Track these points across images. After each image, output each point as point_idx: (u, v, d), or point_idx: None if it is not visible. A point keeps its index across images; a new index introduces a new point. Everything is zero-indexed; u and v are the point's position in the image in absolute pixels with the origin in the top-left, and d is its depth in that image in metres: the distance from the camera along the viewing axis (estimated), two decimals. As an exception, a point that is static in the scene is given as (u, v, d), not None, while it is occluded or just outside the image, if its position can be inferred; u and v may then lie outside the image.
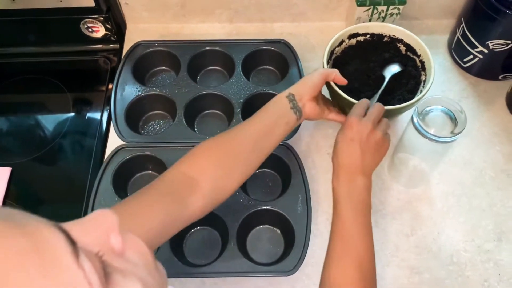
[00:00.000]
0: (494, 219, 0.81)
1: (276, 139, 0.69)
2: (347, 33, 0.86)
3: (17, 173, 0.88)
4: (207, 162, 0.64)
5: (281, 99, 0.70)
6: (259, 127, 0.68)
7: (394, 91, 0.85)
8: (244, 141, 0.66)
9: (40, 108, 1.00)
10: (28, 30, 1.02)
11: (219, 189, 0.64)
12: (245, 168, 0.67)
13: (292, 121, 0.70)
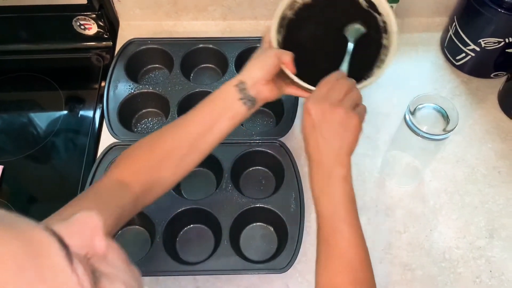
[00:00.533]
0: (486, 216, 0.82)
1: (218, 137, 0.63)
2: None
3: (9, 171, 0.88)
4: (138, 166, 0.60)
5: (228, 88, 0.63)
6: (197, 125, 0.62)
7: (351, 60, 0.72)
8: (179, 142, 0.61)
9: (32, 106, 1.00)
10: (20, 27, 1.01)
11: (150, 192, 0.61)
12: (180, 169, 0.63)
13: (240, 114, 0.63)
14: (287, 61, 0.64)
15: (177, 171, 0.62)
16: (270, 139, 0.83)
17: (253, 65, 0.65)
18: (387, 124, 0.91)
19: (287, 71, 0.66)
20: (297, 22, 0.73)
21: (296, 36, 0.72)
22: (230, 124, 0.63)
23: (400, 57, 1.01)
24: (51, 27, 1.01)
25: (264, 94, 0.64)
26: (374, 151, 0.88)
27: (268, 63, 0.64)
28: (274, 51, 0.65)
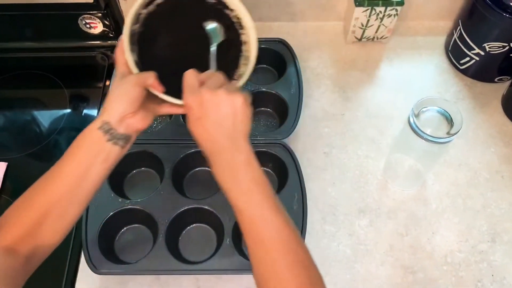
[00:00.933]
0: (488, 220, 0.82)
1: (96, 183, 0.59)
2: (142, 4, 0.66)
3: (12, 169, 0.88)
4: (19, 230, 0.55)
5: (92, 133, 0.58)
6: (68, 178, 0.57)
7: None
8: (53, 199, 0.56)
9: (37, 103, 1.00)
10: (26, 25, 1.01)
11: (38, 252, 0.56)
12: (62, 225, 0.57)
13: (114, 154, 0.59)
14: (151, 83, 0.60)
15: (59, 227, 0.57)
16: (273, 140, 0.84)
17: (114, 100, 0.59)
18: (390, 127, 0.91)
19: (155, 92, 0.61)
20: (148, 34, 0.67)
21: (151, 49, 0.67)
22: (106, 167, 0.59)
23: (404, 60, 1.01)
24: (57, 25, 1.01)
25: (135, 126, 0.60)
26: (377, 154, 0.88)
27: (130, 94, 0.58)
28: (133, 78, 0.60)
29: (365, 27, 0.97)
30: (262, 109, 0.93)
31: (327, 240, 0.79)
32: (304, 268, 0.53)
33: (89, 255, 0.72)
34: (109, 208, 0.77)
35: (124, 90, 0.59)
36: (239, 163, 0.55)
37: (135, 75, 0.61)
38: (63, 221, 0.57)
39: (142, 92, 0.59)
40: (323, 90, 0.96)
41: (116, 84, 0.60)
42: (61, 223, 0.57)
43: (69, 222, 0.58)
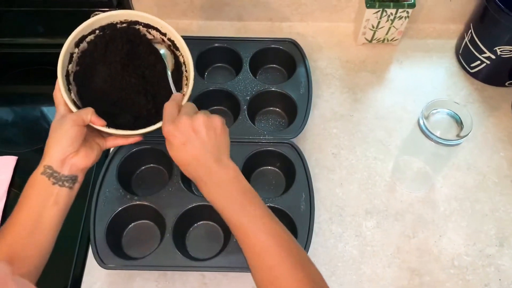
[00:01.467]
0: (496, 224, 0.81)
1: (54, 225, 0.59)
2: (71, 44, 0.68)
3: (22, 163, 0.89)
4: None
5: (36, 179, 0.59)
6: (22, 225, 0.57)
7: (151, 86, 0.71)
8: (12, 247, 0.57)
9: (47, 99, 1.00)
10: (37, 21, 1.02)
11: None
12: (28, 267, 0.58)
13: (63, 196, 0.59)
14: (90, 119, 0.61)
15: (26, 269, 0.57)
16: (281, 139, 0.84)
17: (53, 143, 0.60)
18: (399, 129, 0.91)
19: (97, 127, 0.63)
20: (84, 71, 0.69)
21: (90, 85, 0.69)
22: (59, 209, 0.60)
23: (414, 62, 1.01)
24: (69, 22, 1.01)
25: (79, 165, 0.61)
26: (386, 156, 0.88)
27: (68, 134, 0.59)
28: (70, 118, 0.60)
29: (375, 29, 0.97)
30: (271, 108, 0.93)
31: (334, 240, 0.79)
32: (303, 269, 0.54)
33: (96, 250, 0.73)
34: (117, 204, 0.77)
35: (62, 131, 0.60)
36: (229, 181, 0.57)
37: (72, 114, 0.61)
38: (27, 266, 0.57)
39: (81, 130, 0.61)
40: (332, 91, 0.96)
41: (55, 125, 0.61)
42: (25, 267, 0.57)
43: (33, 267, 0.58)
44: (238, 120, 0.86)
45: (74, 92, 0.68)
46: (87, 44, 0.70)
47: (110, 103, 0.69)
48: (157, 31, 0.72)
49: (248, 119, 0.86)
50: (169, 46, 0.73)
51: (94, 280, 0.75)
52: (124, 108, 0.69)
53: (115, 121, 0.67)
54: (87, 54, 0.70)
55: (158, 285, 0.75)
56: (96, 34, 0.70)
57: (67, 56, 0.68)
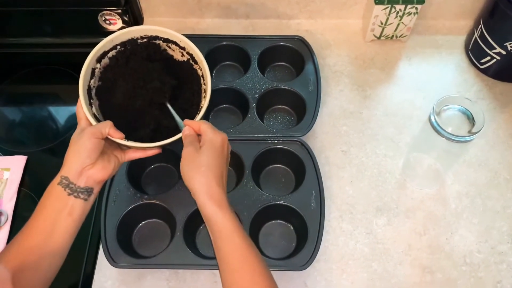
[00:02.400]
0: (508, 221, 0.81)
1: (67, 235, 0.60)
2: (93, 59, 0.70)
3: (31, 163, 0.89)
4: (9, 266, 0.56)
5: (53, 189, 0.60)
6: (37, 234, 0.59)
7: (176, 98, 0.73)
8: (27, 252, 0.58)
9: (55, 99, 1.01)
10: (45, 21, 1.02)
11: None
12: (39, 275, 0.58)
13: (78, 207, 0.60)
14: (107, 132, 0.63)
15: (36, 278, 0.58)
16: (291, 137, 0.83)
17: (71, 155, 0.61)
18: (409, 126, 0.90)
19: (116, 140, 0.64)
20: (106, 86, 0.71)
21: (111, 99, 0.70)
22: (74, 220, 0.60)
23: (423, 59, 1.00)
24: (77, 21, 1.02)
25: (95, 177, 0.62)
26: (396, 153, 0.87)
27: (86, 146, 0.61)
28: (88, 131, 0.62)
29: (384, 25, 0.97)
30: (280, 106, 0.93)
31: (345, 238, 0.79)
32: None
33: (107, 249, 0.73)
34: (127, 203, 0.77)
35: (80, 144, 0.61)
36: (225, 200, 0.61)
37: (91, 127, 0.63)
38: (39, 272, 0.58)
39: (99, 143, 0.62)
40: (342, 88, 0.96)
41: (75, 138, 0.63)
42: (37, 274, 0.58)
43: (45, 274, 0.59)
44: (247, 118, 0.86)
45: (96, 107, 0.70)
46: (109, 60, 0.72)
47: (130, 116, 0.70)
48: (176, 45, 0.74)
49: (257, 117, 0.86)
50: (188, 59, 0.75)
51: (105, 278, 0.75)
52: (144, 121, 0.70)
53: (135, 134, 0.68)
54: (108, 69, 0.72)
55: (169, 283, 0.75)
56: (117, 50, 0.72)
57: (89, 71, 0.69)
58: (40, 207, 0.60)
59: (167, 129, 0.70)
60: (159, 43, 0.74)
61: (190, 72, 0.75)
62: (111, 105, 0.70)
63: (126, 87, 0.70)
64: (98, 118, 0.68)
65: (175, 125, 0.69)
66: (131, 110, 0.70)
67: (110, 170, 0.64)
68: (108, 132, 0.63)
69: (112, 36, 0.70)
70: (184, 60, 0.75)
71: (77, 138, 0.62)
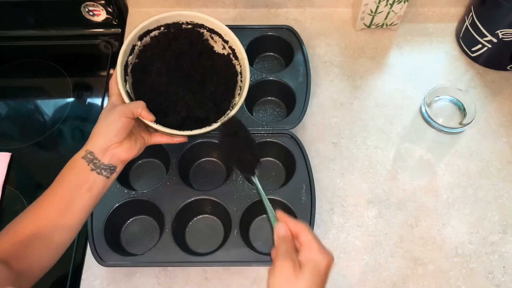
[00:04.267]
0: (499, 211, 0.80)
1: (83, 211, 0.59)
2: (135, 36, 0.69)
3: (17, 159, 0.87)
4: (11, 246, 0.56)
5: (76, 162, 0.59)
6: (54, 205, 0.58)
7: (205, 91, 0.71)
8: (40, 224, 0.57)
9: (40, 92, 0.99)
10: (28, 13, 0.99)
11: (28, 274, 0.56)
12: (51, 249, 0.58)
13: (99, 184, 0.60)
14: (139, 113, 0.62)
15: (47, 251, 0.58)
16: (280, 130, 0.82)
17: (99, 131, 0.60)
18: (399, 116, 0.89)
19: (145, 121, 0.63)
20: (143, 65, 0.71)
21: (146, 80, 0.69)
22: (92, 196, 0.59)
23: (414, 47, 0.99)
24: (59, 13, 0.99)
25: (120, 156, 0.61)
26: (387, 144, 0.86)
27: (115, 125, 0.60)
28: (120, 109, 0.61)
29: (374, 14, 0.95)
30: (269, 98, 0.91)
31: (336, 231, 0.78)
32: None
33: (95, 247, 0.71)
34: (114, 200, 0.76)
35: (110, 121, 0.60)
36: None
37: (122, 106, 0.62)
38: (50, 245, 0.58)
39: (129, 122, 0.61)
40: (331, 79, 0.94)
41: (105, 114, 0.62)
42: (48, 247, 0.58)
43: (56, 247, 0.59)
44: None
45: (130, 84, 0.69)
46: (150, 39, 0.71)
47: (162, 100, 0.69)
48: (220, 37, 0.73)
49: (246, 110, 0.84)
50: (228, 54, 0.74)
51: (94, 277, 0.74)
52: (175, 108, 0.69)
53: (164, 119, 0.67)
54: (148, 49, 0.71)
55: (159, 280, 0.74)
56: (160, 31, 0.72)
57: (129, 47, 0.69)
58: (60, 178, 0.59)
59: (197, 119, 0.69)
60: (203, 32, 0.74)
61: (228, 67, 0.74)
62: (144, 85, 0.70)
63: (163, 69, 0.70)
64: (130, 96, 0.67)
65: (204, 117, 0.69)
66: (164, 94, 0.69)
67: (135, 151, 0.63)
68: (139, 112, 0.62)
69: (159, 16, 0.70)
70: (224, 53, 0.74)
71: (107, 114, 0.61)
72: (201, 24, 0.73)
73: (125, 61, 0.68)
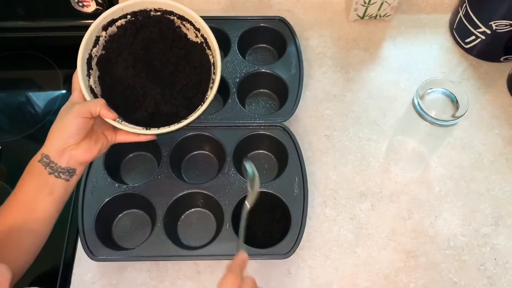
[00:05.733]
0: (492, 203, 0.80)
1: (47, 215, 0.58)
2: (98, 26, 0.65)
3: (6, 152, 0.86)
4: None
5: (33, 166, 0.57)
6: (17, 210, 0.56)
7: (175, 84, 0.67)
8: (6, 228, 0.55)
9: (30, 85, 0.98)
10: (16, 4, 0.98)
11: None
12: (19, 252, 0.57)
13: (59, 187, 0.57)
14: (98, 112, 0.58)
15: (17, 256, 0.56)
16: (273, 122, 0.81)
17: (54, 132, 0.57)
18: (392, 109, 0.89)
19: (108, 120, 0.60)
20: (109, 57, 0.66)
21: (112, 72, 0.66)
22: (54, 200, 0.57)
23: (408, 39, 0.98)
24: (49, 4, 0.98)
25: (79, 158, 0.58)
26: (379, 136, 0.86)
27: (71, 126, 0.56)
28: (76, 109, 0.57)
29: (367, 5, 0.94)
30: (261, 90, 0.91)
31: (328, 224, 0.78)
32: None
33: (86, 242, 0.71)
34: (105, 194, 0.75)
35: (65, 121, 0.57)
36: None
37: (80, 105, 0.58)
38: (19, 250, 0.56)
39: (86, 122, 0.58)
40: (324, 70, 0.93)
41: (63, 113, 0.58)
42: (18, 251, 0.56)
43: (26, 251, 0.57)
44: (228, 103, 0.84)
45: (95, 78, 0.65)
46: (117, 29, 0.67)
47: (129, 94, 0.65)
48: (191, 24, 0.69)
49: (238, 103, 0.84)
50: (201, 43, 0.69)
51: (85, 271, 0.74)
52: (142, 103, 0.65)
53: (131, 115, 0.64)
54: (114, 39, 0.67)
55: (151, 275, 0.73)
56: (127, 20, 0.67)
57: (92, 38, 0.65)
58: (21, 183, 0.57)
59: (165, 116, 0.65)
60: (174, 19, 0.69)
61: (202, 57, 0.69)
62: (110, 78, 0.66)
63: (130, 61, 0.65)
64: (94, 91, 0.64)
65: (173, 112, 0.65)
66: (131, 87, 0.65)
67: (95, 151, 0.60)
68: (99, 111, 0.58)
69: (123, 4, 0.65)
70: (197, 41, 0.70)
71: (65, 113, 0.58)
72: (170, 11, 0.68)
73: (88, 54, 0.64)
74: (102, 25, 0.65)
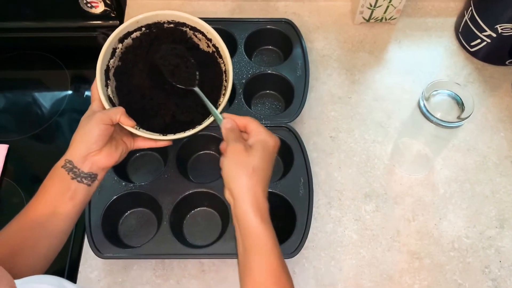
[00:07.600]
0: (496, 205, 0.80)
1: (68, 219, 0.59)
2: (115, 39, 0.68)
3: (14, 151, 0.87)
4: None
5: (57, 171, 0.59)
6: (37, 214, 0.57)
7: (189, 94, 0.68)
8: (26, 232, 0.57)
9: (38, 85, 0.98)
10: (25, 4, 0.99)
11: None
12: (36, 257, 0.57)
13: (81, 192, 0.59)
14: (118, 119, 0.61)
15: (33, 260, 0.57)
16: (279, 123, 0.82)
17: (78, 139, 0.60)
18: (398, 111, 0.89)
19: (127, 127, 0.63)
20: (126, 67, 0.70)
21: (129, 81, 0.69)
22: (75, 205, 0.59)
23: (413, 42, 0.99)
24: (57, 5, 0.99)
25: (100, 164, 0.60)
26: (384, 138, 0.86)
27: (93, 132, 0.59)
28: (98, 116, 0.60)
29: (373, 8, 0.95)
30: (268, 91, 0.91)
31: (333, 225, 0.78)
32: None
33: (92, 239, 0.71)
34: (112, 192, 0.76)
35: (88, 128, 0.59)
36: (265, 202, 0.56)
37: (101, 112, 0.61)
38: (37, 254, 0.58)
39: (107, 129, 0.60)
40: (330, 72, 0.94)
41: (84, 121, 0.61)
42: (34, 256, 0.57)
43: (44, 254, 0.58)
44: (234, 104, 0.84)
45: (112, 88, 0.68)
46: (132, 41, 0.70)
47: (146, 103, 0.68)
48: (203, 35, 0.72)
49: (244, 103, 0.84)
50: (213, 52, 0.72)
51: (91, 269, 0.74)
52: (159, 111, 0.68)
53: (149, 122, 0.66)
54: (130, 50, 0.70)
55: (156, 273, 0.74)
56: (142, 32, 0.70)
57: (109, 50, 0.68)
58: (42, 188, 0.59)
59: (181, 123, 0.67)
60: (186, 30, 0.72)
61: (214, 66, 0.72)
62: (127, 87, 0.69)
63: (145, 71, 0.68)
64: (112, 100, 0.66)
65: (190, 120, 0.68)
66: (147, 96, 0.68)
67: (116, 157, 0.62)
68: (118, 119, 0.61)
69: (138, 17, 0.69)
70: (209, 51, 0.73)
71: (86, 121, 0.60)
72: (183, 22, 0.71)
73: (106, 65, 0.67)
74: (119, 38, 0.68)
